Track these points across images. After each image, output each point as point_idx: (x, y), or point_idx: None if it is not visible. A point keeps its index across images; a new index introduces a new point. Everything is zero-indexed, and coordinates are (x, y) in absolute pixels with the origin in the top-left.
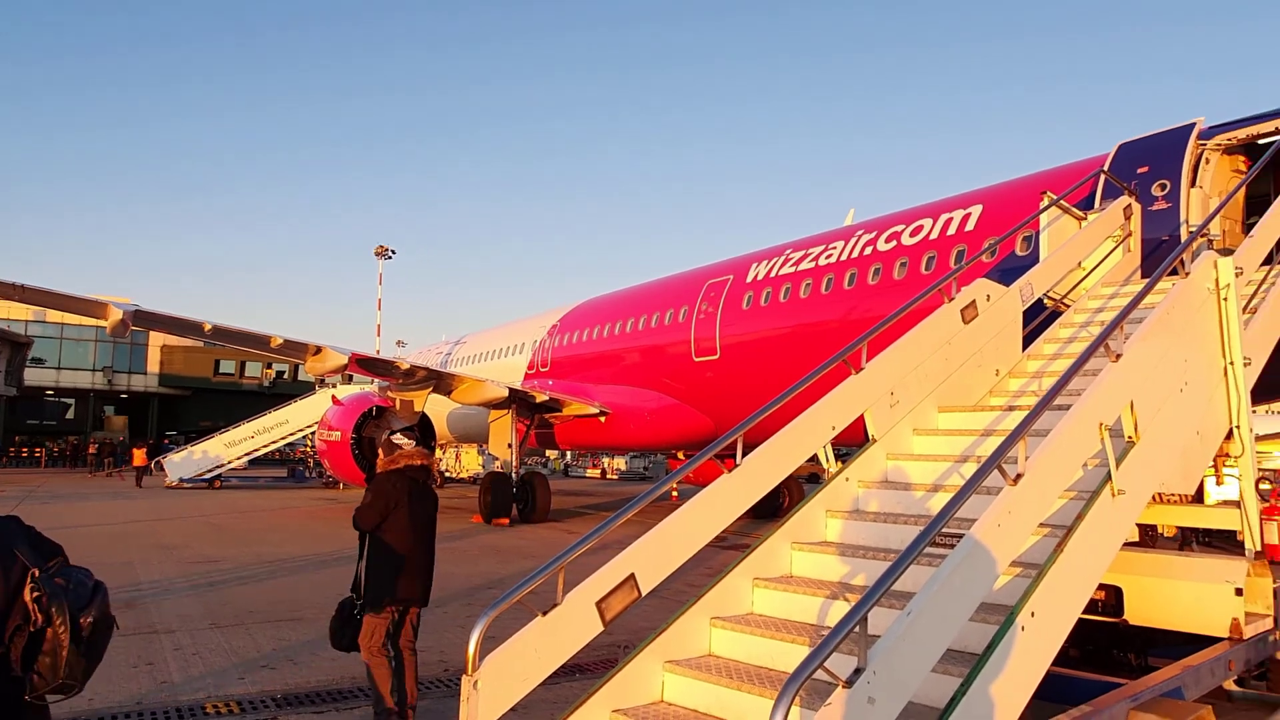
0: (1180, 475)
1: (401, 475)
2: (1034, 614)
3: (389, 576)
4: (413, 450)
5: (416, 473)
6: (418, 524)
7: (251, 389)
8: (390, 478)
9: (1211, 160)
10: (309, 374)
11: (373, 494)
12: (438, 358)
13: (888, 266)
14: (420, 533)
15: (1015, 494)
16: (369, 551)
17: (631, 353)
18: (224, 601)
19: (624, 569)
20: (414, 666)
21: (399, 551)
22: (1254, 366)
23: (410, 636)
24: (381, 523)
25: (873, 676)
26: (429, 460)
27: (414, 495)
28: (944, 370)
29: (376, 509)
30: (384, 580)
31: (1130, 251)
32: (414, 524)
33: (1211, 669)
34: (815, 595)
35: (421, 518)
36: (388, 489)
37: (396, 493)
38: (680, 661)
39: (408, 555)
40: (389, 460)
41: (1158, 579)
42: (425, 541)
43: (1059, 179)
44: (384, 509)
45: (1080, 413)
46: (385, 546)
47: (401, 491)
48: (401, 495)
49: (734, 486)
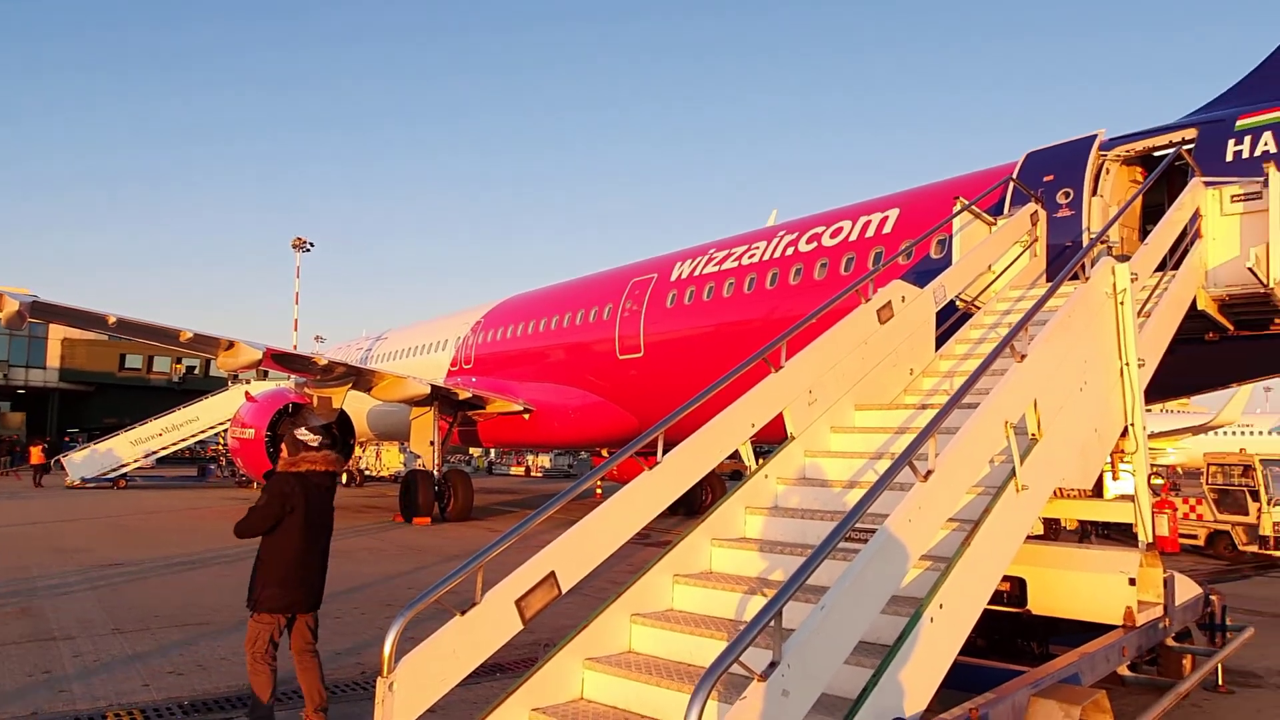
0: (1079, 471)
1: (302, 479)
2: (942, 606)
3: (275, 582)
4: (317, 455)
5: (319, 478)
6: (312, 530)
7: (160, 385)
8: (289, 480)
9: (1111, 170)
10: (221, 370)
11: (267, 496)
12: (358, 354)
13: (808, 267)
14: (313, 541)
15: (925, 490)
16: (258, 553)
17: (556, 350)
18: (128, 606)
19: (544, 567)
20: (317, 668)
21: (289, 557)
22: (1147, 367)
23: (308, 639)
24: (275, 526)
25: (787, 670)
26: (335, 466)
27: (311, 500)
28: (861, 369)
29: (269, 514)
30: (269, 585)
31: (1036, 256)
32: (308, 530)
33: (1107, 655)
34: (734, 591)
35: (317, 525)
36: (285, 491)
37: (293, 497)
38: (600, 659)
39: (297, 562)
40: (290, 461)
41: (1058, 570)
42: (318, 549)
43: (971, 185)
44: (278, 513)
45: (987, 411)
46: (275, 550)
47: (299, 495)
48: (298, 499)
49: (655, 483)
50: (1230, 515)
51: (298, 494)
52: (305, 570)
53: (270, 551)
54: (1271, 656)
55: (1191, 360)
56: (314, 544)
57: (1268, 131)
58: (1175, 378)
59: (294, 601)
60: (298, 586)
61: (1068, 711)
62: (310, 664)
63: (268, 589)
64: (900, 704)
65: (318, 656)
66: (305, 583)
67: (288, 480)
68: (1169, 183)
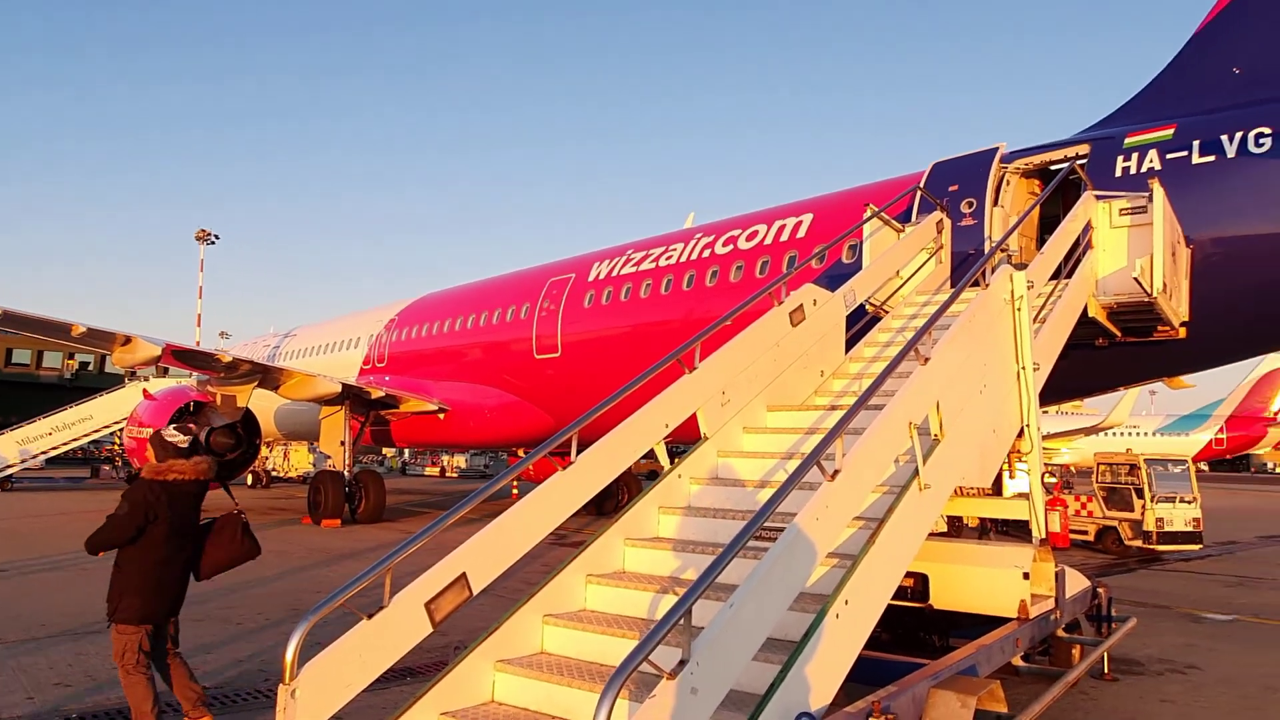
0: (979, 470)
1: (167, 486)
2: (848, 602)
3: (134, 591)
4: (186, 465)
5: (187, 485)
6: (176, 539)
7: (50, 381)
8: (152, 488)
9: (1011, 182)
10: (117, 366)
11: (128, 505)
12: (265, 351)
13: (725, 269)
14: (176, 550)
15: (833, 489)
16: (116, 560)
17: (472, 349)
18: (12, 615)
19: (455, 568)
20: (184, 668)
21: (149, 567)
22: (1042, 371)
23: (170, 644)
24: (137, 536)
25: (696, 668)
26: (206, 475)
27: (176, 508)
28: (773, 371)
29: (129, 525)
30: (129, 595)
31: (942, 263)
32: (171, 539)
33: (1002, 647)
34: (647, 590)
35: (181, 533)
36: (147, 500)
37: (156, 505)
38: (512, 660)
39: (158, 572)
40: (157, 469)
41: (958, 566)
42: (181, 558)
43: (882, 192)
44: (140, 523)
45: (892, 413)
46: (135, 560)
47: (162, 504)
48: (162, 508)
49: (568, 483)
50: (1118, 512)
51: (161, 502)
52: (167, 580)
53: (130, 560)
54: (1153, 645)
55: (1083, 364)
56: (177, 553)
57: (1153, 149)
58: (1069, 381)
59: (155, 612)
60: (158, 596)
61: (964, 701)
62: (178, 666)
63: (127, 598)
64: (806, 699)
65: (181, 657)
66: (166, 592)
67: (151, 488)
68: (1064, 195)
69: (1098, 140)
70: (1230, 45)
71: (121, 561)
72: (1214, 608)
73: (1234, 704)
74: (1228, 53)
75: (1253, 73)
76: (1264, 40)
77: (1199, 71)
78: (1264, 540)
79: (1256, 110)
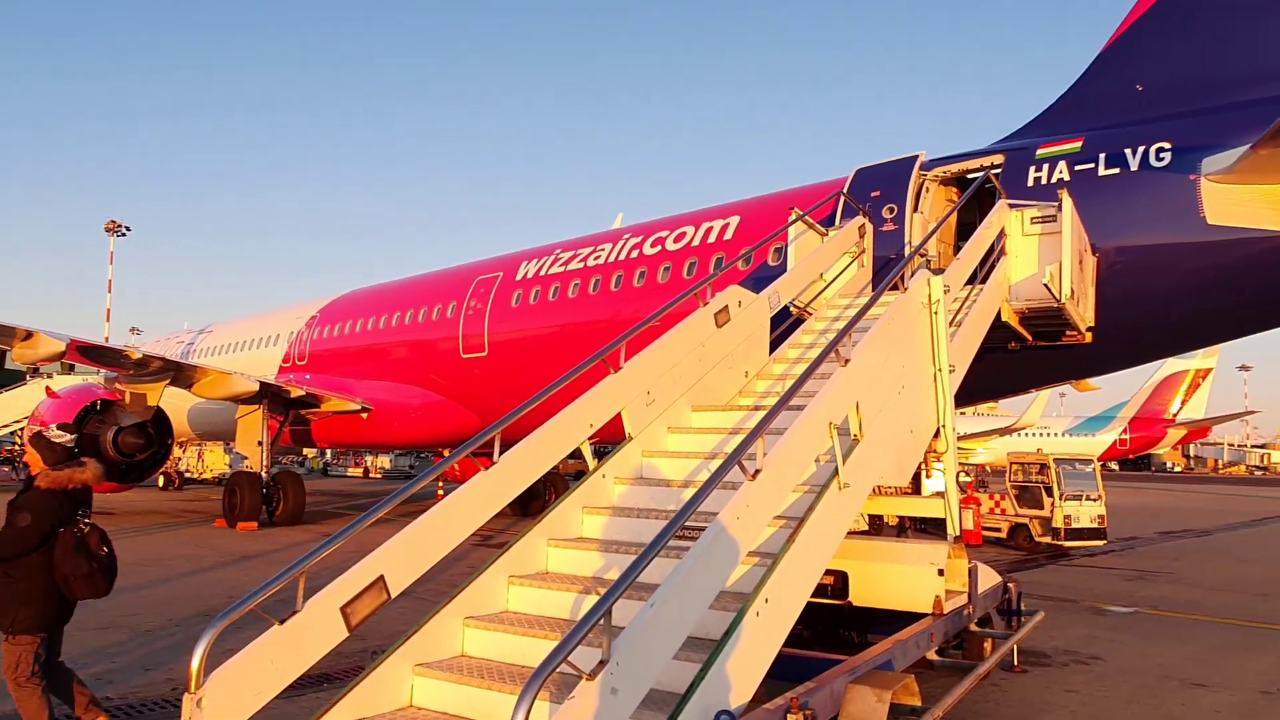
0: (896, 469)
1: (68, 496)
2: (768, 600)
3: (33, 600)
4: (87, 474)
5: (80, 492)
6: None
7: None
8: (56, 498)
9: (930, 189)
10: (18, 362)
11: (32, 518)
12: (178, 347)
13: (652, 270)
14: None
15: (754, 488)
16: (6, 570)
17: (397, 347)
18: None
19: (373, 570)
20: (71, 674)
21: (47, 575)
22: (957, 373)
23: (56, 652)
24: None
25: (615, 668)
26: (92, 478)
27: (68, 513)
28: (698, 371)
29: (32, 537)
30: (27, 604)
31: (864, 267)
32: (67, 544)
33: (917, 642)
34: (570, 591)
35: (74, 539)
36: (52, 509)
37: (60, 513)
38: (431, 664)
39: (53, 581)
40: (58, 478)
41: (876, 563)
42: None
43: (807, 196)
44: (41, 533)
45: (813, 413)
46: (32, 569)
47: (65, 511)
48: (64, 516)
49: (491, 483)
50: (1029, 509)
51: (65, 509)
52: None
53: (27, 570)
54: (1060, 637)
55: (997, 367)
56: None
57: (1062, 160)
58: (983, 383)
59: (54, 620)
60: (57, 604)
61: (880, 696)
62: (64, 672)
63: (26, 608)
64: (726, 697)
65: (64, 664)
66: (61, 598)
67: (55, 498)
68: (980, 202)
69: (1011, 151)
70: (1134, 64)
71: (14, 571)
72: (1116, 601)
73: (1133, 692)
74: (1132, 70)
75: (1154, 90)
76: (1164, 60)
77: (1106, 87)
78: (1163, 536)
79: (1158, 125)
